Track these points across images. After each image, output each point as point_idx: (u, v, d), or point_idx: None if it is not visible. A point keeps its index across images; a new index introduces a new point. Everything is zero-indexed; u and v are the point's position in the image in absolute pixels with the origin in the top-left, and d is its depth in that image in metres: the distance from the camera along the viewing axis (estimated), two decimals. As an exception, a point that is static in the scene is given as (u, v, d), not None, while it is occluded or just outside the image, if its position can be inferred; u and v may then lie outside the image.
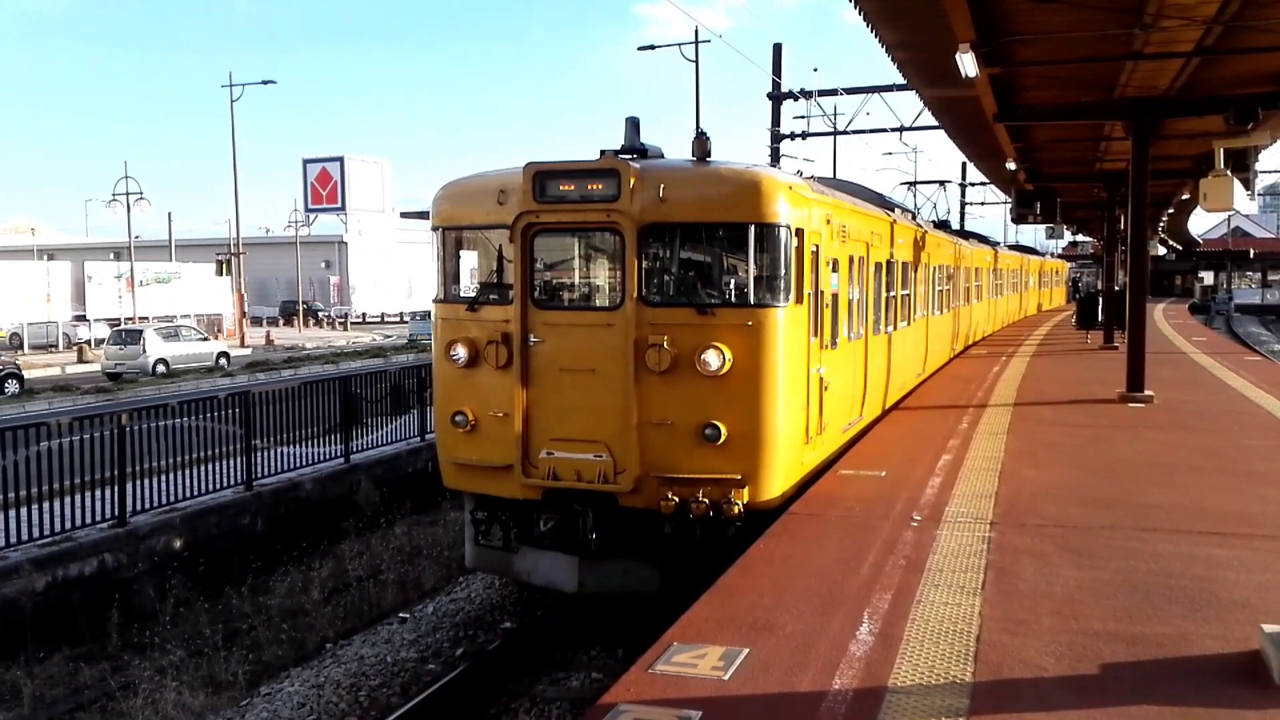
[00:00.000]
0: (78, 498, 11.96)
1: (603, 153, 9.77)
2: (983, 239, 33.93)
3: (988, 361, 22.94)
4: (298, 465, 15.36)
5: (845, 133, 37.32)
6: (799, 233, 9.56)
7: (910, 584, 7.04)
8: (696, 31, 37.68)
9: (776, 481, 9.36)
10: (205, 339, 40.76)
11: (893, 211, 15.79)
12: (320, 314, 77.13)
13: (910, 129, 35.32)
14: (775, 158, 33.95)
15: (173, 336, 38.24)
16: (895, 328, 14.86)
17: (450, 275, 10.41)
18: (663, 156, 10.01)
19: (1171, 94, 15.87)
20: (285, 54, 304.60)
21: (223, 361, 38.69)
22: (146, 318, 53.92)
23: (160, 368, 35.80)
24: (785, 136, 35.45)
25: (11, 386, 31.22)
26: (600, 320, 9.54)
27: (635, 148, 9.84)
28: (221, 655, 10.69)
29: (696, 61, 37.19)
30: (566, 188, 9.44)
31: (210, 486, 13.73)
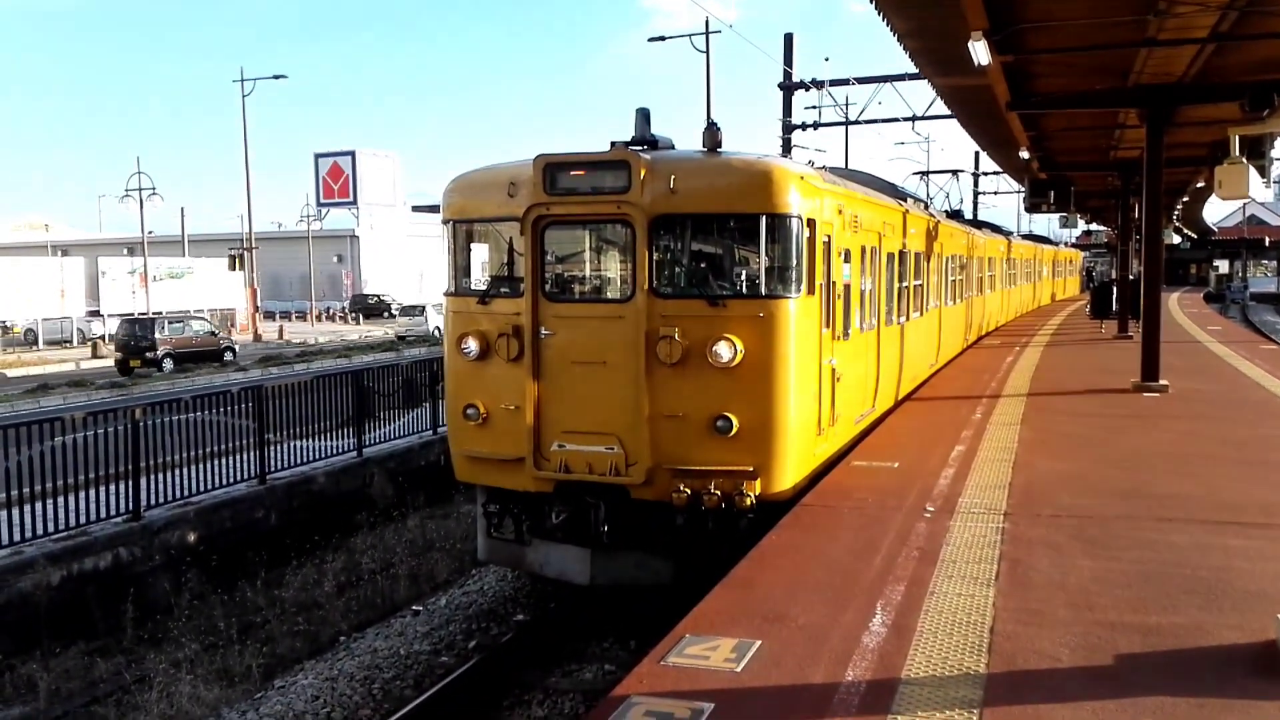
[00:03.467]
0: (92, 492, 12.01)
1: (613, 144, 9.73)
2: (996, 228, 33.75)
3: (1001, 352, 22.84)
4: (311, 459, 15.41)
5: (857, 122, 37.17)
6: (811, 223, 9.51)
7: (924, 575, 7.01)
8: (707, 22, 37.48)
9: (789, 473, 9.33)
10: None
11: (905, 201, 15.71)
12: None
13: (922, 118, 35.14)
14: (787, 148, 33.84)
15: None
16: (908, 318, 14.79)
17: (461, 268, 10.40)
18: (673, 148, 9.97)
19: (1186, 81, 15.73)
20: (297, 47, 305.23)
21: None
22: (160, 312, 54.22)
23: (436, 332, 44.18)
24: (797, 127, 35.33)
25: (229, 356, 38.62)
26: (611, 312, 9.52)
27: (646, 139, 9.80)
28: (236, 648, 10.74)
29: (707, 52, 37.07)
30: (577, 180, 9.42)
31: (224, 480, 13.77)
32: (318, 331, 59.61)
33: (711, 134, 9.69)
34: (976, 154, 48.76)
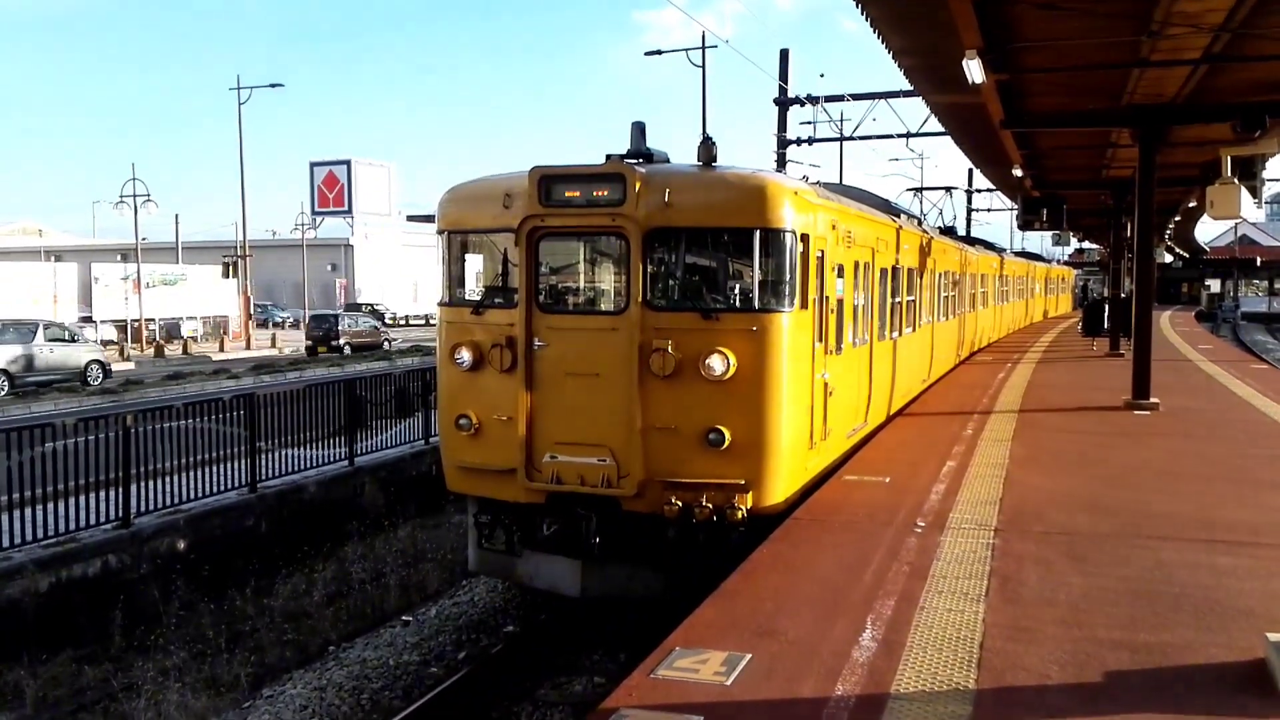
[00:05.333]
0: (82, 499, 11.96)
1: (608, 157, 9.77)
2: (989, 245, 33.87)
3: (993, 368, 22.90)
4: (302, 467, 15.36)
5: (852, 138, 37.39)
6: (804, 238, 9.55)
7: (914, 590, 7.02)
8: (704, 36, 37.59)
9: (780, 487, 9.34)
10: None
11: (898, 217, 15.78)
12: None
13: (917, 135, 35.38)
14: (781, 163, 33.94)
15: None
16: (900, 334, 14.84)
17: (455, 279, 10.41)
18: (668, 162, 10.00)
19: (1179, 101, 15.83)
20: (294, 56, 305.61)
21: None
22: (153, 319, 54.12)
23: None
24: (792, 142, 35.47)
25: (386, 345, 47.80)
26: (605, 324, 9.54)
27: (641, 152, 9.83)
28: (224, 657, 10.70)
29: (703, 67, 37.14)
30: (572, 192, 9.45)
31: (215, 488, 13.72)
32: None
33: (706, 148, 9.72)
34: (970, 171, 49.05)
